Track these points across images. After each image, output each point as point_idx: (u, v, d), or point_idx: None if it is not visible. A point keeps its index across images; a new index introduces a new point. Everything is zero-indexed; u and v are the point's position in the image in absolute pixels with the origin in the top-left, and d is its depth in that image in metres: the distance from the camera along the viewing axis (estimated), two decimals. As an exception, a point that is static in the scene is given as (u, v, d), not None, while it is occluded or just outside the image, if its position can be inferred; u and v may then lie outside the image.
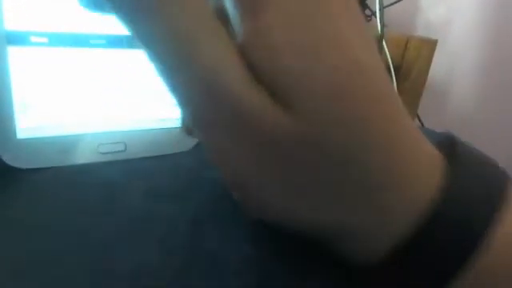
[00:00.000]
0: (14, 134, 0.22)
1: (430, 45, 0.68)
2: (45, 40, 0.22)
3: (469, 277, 0.14)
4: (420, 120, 0.81)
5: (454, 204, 0.14)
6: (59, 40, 0.23)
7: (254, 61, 0.13)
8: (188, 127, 0.20)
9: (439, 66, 0.79)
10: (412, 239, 0.14)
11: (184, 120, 0.22)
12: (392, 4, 0.76)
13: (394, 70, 0.64)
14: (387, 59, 0.64)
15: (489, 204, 0.15)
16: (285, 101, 0.13)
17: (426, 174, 0.15)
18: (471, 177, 0.15)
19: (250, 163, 0.15)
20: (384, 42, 0.63)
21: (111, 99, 0.25)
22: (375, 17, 0.67)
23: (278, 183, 0.15)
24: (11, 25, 0.21)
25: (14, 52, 0.22)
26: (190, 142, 0.27)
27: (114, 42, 0.24)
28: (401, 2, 0.77)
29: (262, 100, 0.13)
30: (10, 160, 0.22)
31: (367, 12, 0.77)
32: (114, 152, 0.25)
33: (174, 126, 0.27)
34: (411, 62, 0.67)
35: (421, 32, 0.95)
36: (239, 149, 0.14)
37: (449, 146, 0.17)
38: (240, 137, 0.14)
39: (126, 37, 0.24)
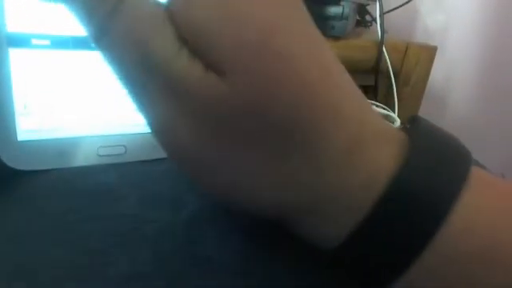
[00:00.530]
0: (15, 135, 0.22)
1: (430, 51, 0.68)
2: (46, 42, 0.22)
3: (428, 260, 0.14)
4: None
5: (412, 182, 0.14)
6: (61, 43, 0.23)
7: (182, 27, 0.14)
8: None
9: (438, 71, 0.79)
10: (368, 218, 0.14)
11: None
12: (392, 10, 0.76)
13: (394, 76, 0.64)
14: (387, 65, 0.64)
15: (450, 183, 0.14)
16: (217, 67, 0.13)
17: (378, 147, 0.15)
18: (432, 154, 0.15)
19: (193, 137, 0.14)
20: (384, 48, 0.63)
21: (112, 102, 0.25)
22: (375, 23, 0.67)
23: (225, 157, 0.15)
24: (13, 27, 0.21)
25: (15, 54, 0.22)
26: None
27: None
28: (401, 8, 0.78)
29: (194, 68, 0.13)
30: (10, 161, 0.22)
31: (368, 18, 0.77)
32: (114, 155, 0.25)
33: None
34: (411, 68, 0.67)
35: (420, 38, 0.95)
36: (178, 120, 0.14)
37: (411, 123, 0.17)
38: (175, 106, 0.14)
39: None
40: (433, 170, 0.14)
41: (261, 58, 0.13)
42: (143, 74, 0.14)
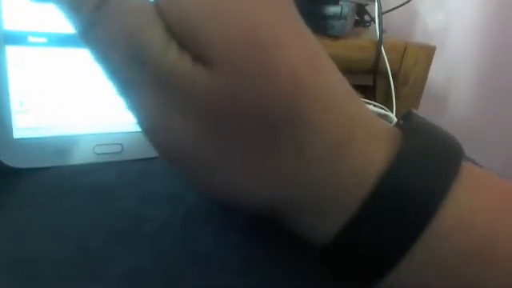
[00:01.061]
0: (11, 133, 0.22)
1: (428, 51, 0.68)
2: (43, 40, 0.22)
3: (419, 258, 0.14)
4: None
5: (401, 178, 0.14)
6: (57, 40, 0.23)
7: (170, 21, 0.14)
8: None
9: (438, 72, 0.79)
10: (356, 215, 0.14)
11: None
12: (391, 10, 0.77)
13: (393, 76, 0.64)
14: (386, 65, 0.64)
15: (440, 179, 0.14)
16: (204, 60, 0.13)
17: (368, 143, 0.15)
18: (422, 150, 0.15)
19: (183, 134, 0.14)
20: (383, 48, 0.63)
21: (109, 100, 0.25)
22: (374, 22, 0.67)
23: (217, 154, 0.15)
24: (9, 24, 0.21)
25: (11, 52, 0.22)
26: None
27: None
28: (400, 8, 0.78)
29: (184, 61, 0.13)
30: (6, 159, 0.22)
31: (366, 18, 0.77)
32: (111, 153, 0.25)
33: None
34: (409, 68, 0.67)
35: (419, 38, 0.95)
36: (168, 116, 0.14)
37: (404, 120, 0.17)
38: (166, 100, 0.14)
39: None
40: (423, 166, 0.14)
41: (247, 54, 0.13)
42: (132, 69, 0.14)
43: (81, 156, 0.24)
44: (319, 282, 0.17)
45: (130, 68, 0.14)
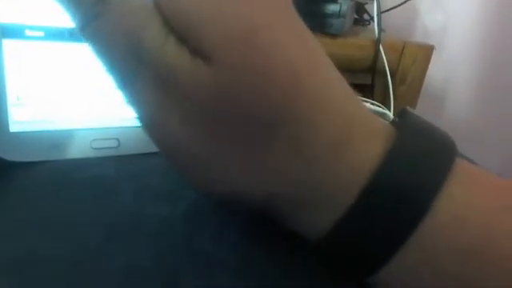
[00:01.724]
0: (7, 127, 0.22)
1: (427, 50, 0.68)
2: (40, 34, 0.22)
3: (411, 255, 0.14)
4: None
5: (394, 175, 0.14)
6: (55, 34, 0.22)
7: (168, 16, 0.14)
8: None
9: (437, 72, 0.80)
10: (351, 209, 0.14)
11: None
12: (390, 9, 0.76)
13: (391, 75, 0.64)
14: (384, 63, 0.64)
15: (433, 175, 0.14)
16: (202, 53, 0.13)
17: (363, 139, 0.15)
18: (415, 147, 0.15)
19: (183, 130, 0.14)
20: (381, 47, 0.63)
21: (106, 95, 0.25)
22: (373, 21, 0.67)
23: (215, 152, 0.15)
24: (6, 18, 0.21)
25: (8, 45, 0.21)
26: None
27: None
28: (399, 8, 0.78)
29: (183, 55, 0.13)
30: (2, 153, 0.22)
31: (365, 17, 0.77)
32: (108, 148, 0.25)
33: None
34: (407, 67, 0.67)
35: (418, 37, 0.95)
36: (168, 112, 0.14)
37: (399, 117, 0.17)
38: (165, 97, 0.14)
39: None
40: (416, 162, 0.14)
41: (246, 57, 0.13)
42: (132, 65, 0.14)
43: (77, 150, 0.24)
44: (319, 282, 0.17)
45: (130, 63, 0.14)
